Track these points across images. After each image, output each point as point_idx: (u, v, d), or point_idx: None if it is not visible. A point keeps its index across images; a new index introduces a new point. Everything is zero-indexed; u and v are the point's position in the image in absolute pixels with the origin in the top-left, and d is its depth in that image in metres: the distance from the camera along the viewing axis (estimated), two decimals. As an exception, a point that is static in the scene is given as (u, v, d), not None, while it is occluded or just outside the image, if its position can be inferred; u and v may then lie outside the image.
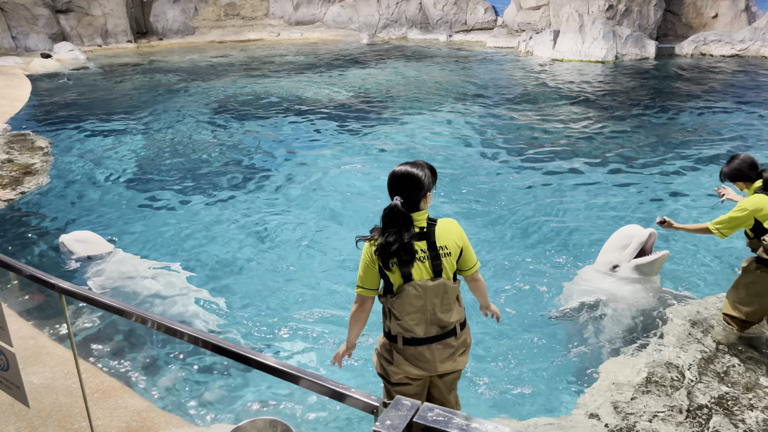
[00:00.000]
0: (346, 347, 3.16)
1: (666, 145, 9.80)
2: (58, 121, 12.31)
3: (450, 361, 2.98)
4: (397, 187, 2.86)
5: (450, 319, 2.94)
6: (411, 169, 2.86)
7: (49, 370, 4.09)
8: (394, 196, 2.85)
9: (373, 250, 2.86)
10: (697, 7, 20.61)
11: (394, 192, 2.86)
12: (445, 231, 2.93)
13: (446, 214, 7.16)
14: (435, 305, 2.90)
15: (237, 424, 2.96)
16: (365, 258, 2.90)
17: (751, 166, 4.04)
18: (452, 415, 1.44)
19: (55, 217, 7.43)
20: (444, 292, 2.90)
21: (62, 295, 2.22)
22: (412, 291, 2.86)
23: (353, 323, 3.07)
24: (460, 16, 25.19)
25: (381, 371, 3.09)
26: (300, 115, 12.38)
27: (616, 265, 5.16)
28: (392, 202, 2.82)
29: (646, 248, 5.13)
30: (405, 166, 2.89)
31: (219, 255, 6.40)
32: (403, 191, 2.83)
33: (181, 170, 9.14)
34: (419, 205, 2.88)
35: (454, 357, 2.99)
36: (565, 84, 15.26)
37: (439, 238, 2.90)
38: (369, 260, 2.88)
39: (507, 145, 10.04)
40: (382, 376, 3.09)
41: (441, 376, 3.05)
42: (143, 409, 3.74)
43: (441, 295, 2.90)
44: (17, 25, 21.76)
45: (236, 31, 26.38)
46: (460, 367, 3.04)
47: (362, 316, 3.04)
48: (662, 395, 3.75)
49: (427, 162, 2.96)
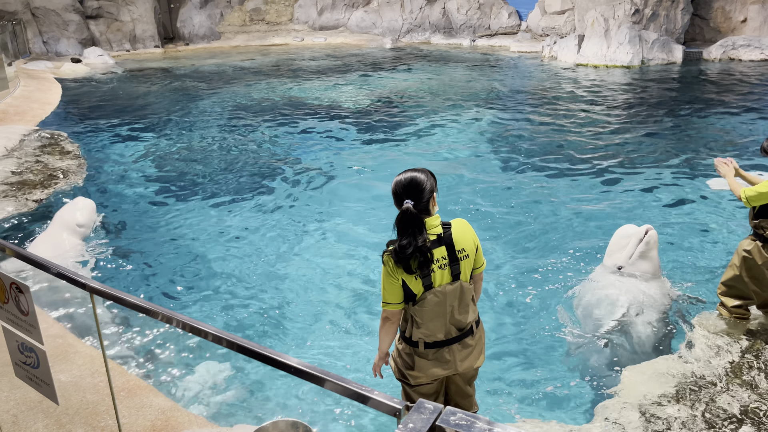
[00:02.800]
0: (380, 357, 3.18)
1: (693, 151, 9.65)
2: (87, 125, 12.56)
3: (469, 359, 3.05)
4: (404, 194, 2.88)
5: (467, 320, 3.01)
6: (413, 174, 2.91)
7: (77, 369, 4.17)
8: (402, 203, 2.88)
9: (392, 260, 2.87)
10: (725, 11, 20.29)
11: (401, 199, 2.89)
12: (461, 234, 2.97)
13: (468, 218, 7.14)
14: (453, 308, 2.95)
15: (259, 425, 2.99)
16: (386, 273, 2.92)
17: None
18: (475, 419, 1.45)
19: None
20: (462, 293, 2.96)
21: (92, 294, 2.27)
22: (433, 298, 2.90)
23: (384, 336, 3.09)
24: (484, 21, 25.12)
25: (400, 376, 3.12)
26: (324, 120, 12.45)
27: (620, 266, 5.24)
28: (403, 206, 2.85)
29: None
30: (406, 173, 2.93)
31: (241, 257, 6.46)
32: (411, 196, 2.86)
33: (205, 173, 9.26)
34: (429, 210, 2.91)
35: (473, 355, 3.06)
36: (590, 89, 15.13)
37: (457, 242, 2.94)
38: (390, 274, 2.90)
39: (530, 151, 9.99)
40: (401, 380, 3.12)
41: (454, 387, 3.13)
42: (168, 408, 3.79)
43: (459, 297, 2.95)
44: (48, 31, 22.26)
45: (261, 36, 26.65)
46: (479, 364, 3.11)
47: (392, 328, 3.06)
48: (687, 403, 3.70)
49: (424, 168, 3.01)
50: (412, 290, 2.90)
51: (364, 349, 4.79)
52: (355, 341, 4.93)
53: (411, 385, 3.07)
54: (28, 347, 2.50)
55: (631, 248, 5.19)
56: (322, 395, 4.13)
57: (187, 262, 6.39)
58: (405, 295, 2.93)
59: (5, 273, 2.40)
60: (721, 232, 6.67)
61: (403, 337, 3.05)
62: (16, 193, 8.21)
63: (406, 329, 3.02)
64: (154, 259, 6.48)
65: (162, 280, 6.07)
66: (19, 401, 3.77)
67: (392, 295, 2.93)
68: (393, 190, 2.93)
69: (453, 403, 3.19)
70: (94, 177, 9.11)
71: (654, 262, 5.18)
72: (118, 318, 5.18)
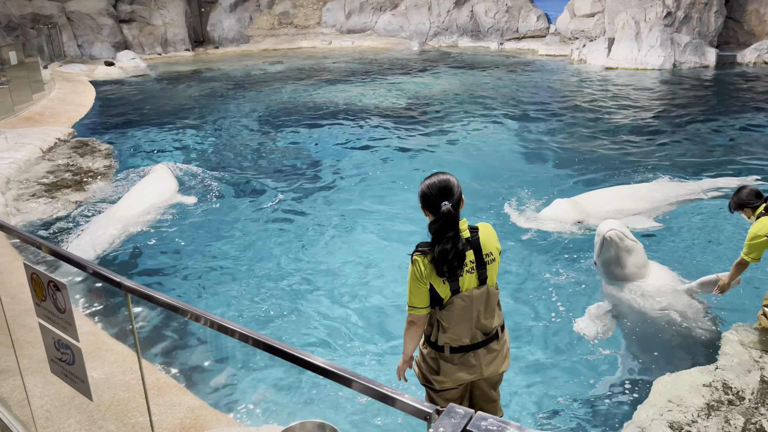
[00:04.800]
0: (404, 360, 3.17)
1: (726, 157, 9.46)
2: (120, 127, 12.81)
3: (494, 364, 3.02)
4: (439, 196, 2.81)
5: (493, 324, 2.98)
6: (444, 176, 2.86)
7: (109, 366, 4.25)
8: (437, 208, 2.80)
9: (428, 260, 2.83)
10: (760, 14, 19.85)
11: (435, 202, 2.81)
12: (487, 238, 2.94)
13: (490, 221, 7.11)
14: (480, 312, 2.92)
15: (286, 426, 3.01)
16: (413, 276, 2.86)
17: (757, 195, 4.40)
18: (506, 425, 1.44)
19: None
20: (488, 298, 2.93)
21: (128, 293, 2.31)
22: (460, 303, 2.87)
23: (409, 339, 3.07)
24: (512, 24, 24.98)
25: (424, 381, 3.09)
26: (350, 123, 12.50)
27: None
28: (442, 209, 2.77)
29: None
30: (435, 176, 2.87)
31: (265, 257, 6.52)
32: (447, 198, 2.80)
33: (234, 175, 9.36)
34: (459, 213, 2.87)
35: (498, 360, 3.03)
36: (621, 92, 14.94)
37: (484, 246, 2.91)
38: (418, 278, 2.85)
39: (558, 154, 9.89)
40: (425, 385, 3.10)
41: (478, 392, 3.10)
42: (196, 407, 3.84)
43: (485, 302, 2.92)
44: (83, 34, 22.78)
45: (289, 39, 26.88)
46: (504, 369, 3.07)
47: (417, 332, 3.03)
48: (720, 416, 3.62)
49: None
50: (439, 294, 2.87)
51: (389, 353, 4.79)
52: (380, 347, 4.93)
53: (436, 390, 3.04)
54: (64, 344, 2.56)
55: (597, 249, 5.08)
56: (350, 398, 4.14)
57: (202, 264, 6.47)
58: (432, 300, 2.90)
59: (43, 271, 2.46)
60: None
61: (428, 341, 3.02)
62: (52, 193, 8.40)
63: (432, 333, 2.99)
64: (183, 262, 6.58)
65: (192, 283, 6.15)
66: (52, 397, 3.85)
67: (419, 299, 2.90)
68: (424, 193, 2.84)
69: (477, 408, 3.16)
70: (126, 178, 9.27)
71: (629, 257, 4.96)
72: (150, 317, 5.27)
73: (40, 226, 7.39)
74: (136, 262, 6.54)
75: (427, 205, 2.87)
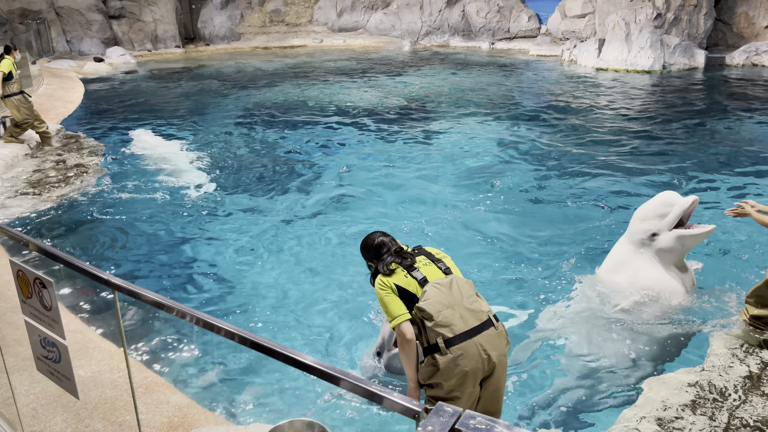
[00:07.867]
0: (414, 386, 3.14)
1: (716, 159, 9.53)
2: (109, 123, 12.71)
3: (498, 347, 3.05)
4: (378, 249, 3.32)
5: (482, 308, 3.07)
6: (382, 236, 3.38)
7: (96, 364, 4.22)
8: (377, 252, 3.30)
9: (383, 274, 3.15)
10: (749, 16, 20.02)
11: (377, 250, 3.31)
12: (434, 251, 3.32)
13: (483, 221, 7.13)
14: (461, 297, 3.04)
15: (275, 424, 3.00)
16: (380, 291, 3.11)
17: None
18: (494, 423, 1.44)
19: (103, 215, 7.66)
20: (461, 284, 3.08)
21: (115, 291, 2.29)
22: (433, 288, 3.03)
23: (407, 361, 3.08)
24: (503, 24, 25.04)
25: (430, 389, 3.07)
26: (342, 122, 12.49)
27: (654, 234, 4.88)
28: (376, 241, 3.34)
29: (683, 217, 4.89)
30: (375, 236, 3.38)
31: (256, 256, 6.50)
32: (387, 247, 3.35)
33: (225, 173, 9.32)
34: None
35: (499, 341, 3.07)
36: (610, 93, 15.01)
37: (432, 251, 3.31)
38: (384, 288, 3.10)
39: (548, 154, 9.93)
40: (433, 397, 3.05)
41: (486, 380, 3.06)
42: (185, 405, 3.82)
43: (460, 287, 3.06)
44: (72, 30, 22.59)
45: (281, 37, 26.80)
46: (506, 349, 3.13)
47: (411, 347, 3.05)
48: (707, 414, 3.65)
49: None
50: (408, 290, 3.05)
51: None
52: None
53: (444, 398, 2.97)
54: (50, 342, 2.53)
55: (672, 218, 4.79)
56: (340, 398, 4.13)
57: (189, 261, 6.45)
58: (406, 299, 3.05)
59: (29, 268, 2.43)
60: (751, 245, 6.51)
61: (425, 350, 3.04)
62: (38, 189, 8.33)
63: (422, 339, 3.03)
64: (158, 257, 6.54)
65: (176, 280, 6.12)
66: (39, 395, 3.82)
67: (396, 306, 3.05)
68: (368, 246, 3.34)
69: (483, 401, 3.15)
70: (113, 174, 9.20)
71: (693, 246, 4.86)
72: (136, 315, 5.23)
73: (27, 222, 7.32)
74: (126, 259, 6.49)
75: (369, 255, 3.35)
